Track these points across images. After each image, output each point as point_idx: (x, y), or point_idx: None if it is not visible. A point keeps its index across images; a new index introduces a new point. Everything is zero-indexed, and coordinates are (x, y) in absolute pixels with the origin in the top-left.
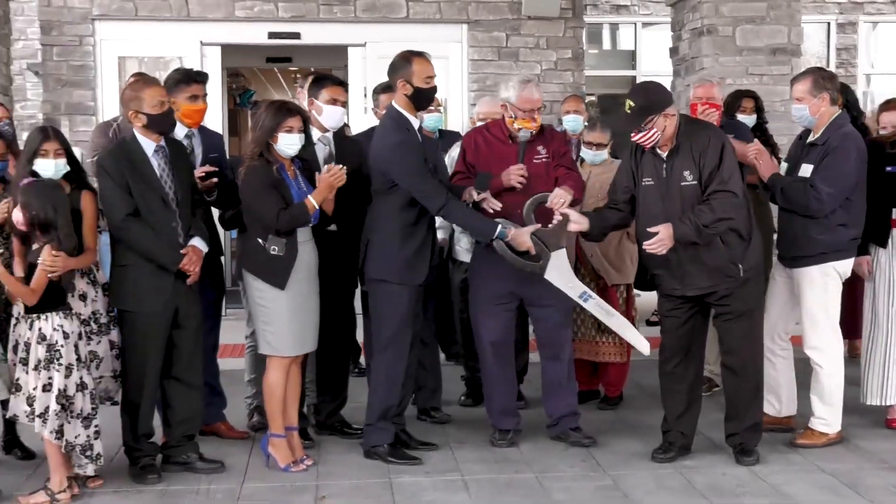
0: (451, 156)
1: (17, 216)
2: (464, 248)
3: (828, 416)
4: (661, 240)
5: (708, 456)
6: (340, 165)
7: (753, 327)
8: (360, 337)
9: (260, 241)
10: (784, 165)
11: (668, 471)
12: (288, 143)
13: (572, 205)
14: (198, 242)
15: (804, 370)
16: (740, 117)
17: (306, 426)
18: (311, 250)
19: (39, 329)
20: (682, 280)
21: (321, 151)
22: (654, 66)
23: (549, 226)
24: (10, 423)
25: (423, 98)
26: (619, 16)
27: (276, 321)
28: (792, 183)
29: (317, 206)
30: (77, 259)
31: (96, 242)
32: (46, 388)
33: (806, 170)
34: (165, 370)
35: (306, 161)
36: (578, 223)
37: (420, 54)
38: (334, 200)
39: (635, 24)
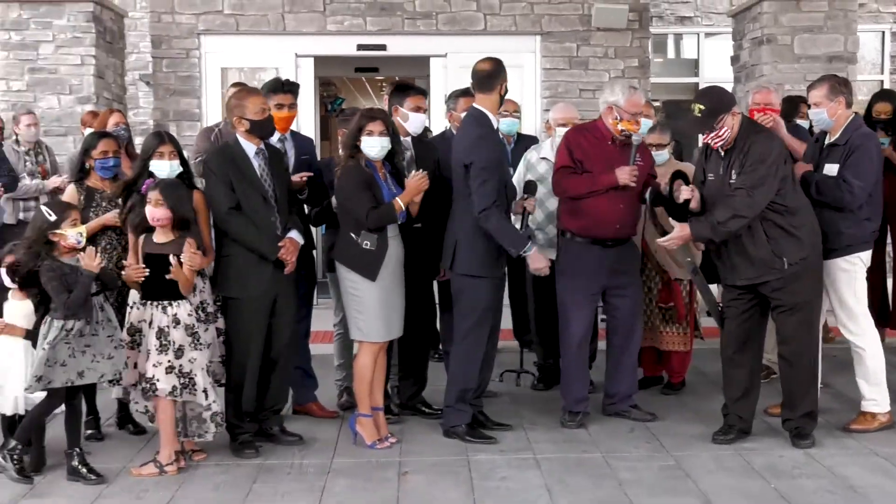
0: (528, 158)
1: (155, 212)
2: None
3: (877, 396)
4: (671, 238)
5: (766, 439)
6: (424, 171)
7: (807, 319)
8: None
9: (353, 236)
10: None
11: (727, 452)
12: (370, 146)
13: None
14: (295, 235)
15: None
16: (798, 121)
17: (390, 406)
18: (398, 245)
19: (152, 315)
20: (732, 271)
21: (405, 154)
22: (716, 73)
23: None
24: (123, 402)
25: (503, 102)
26: (684, 27)
27: (366, 310)
28: (826, 179)
29: (403, 207)
30: (205, 258)
31: (211, 238)
32: (168, 370)
33: (831, 169)
34: (263, 353)
35: (396, 164)
36: (697, 203)
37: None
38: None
39: (698, 34)
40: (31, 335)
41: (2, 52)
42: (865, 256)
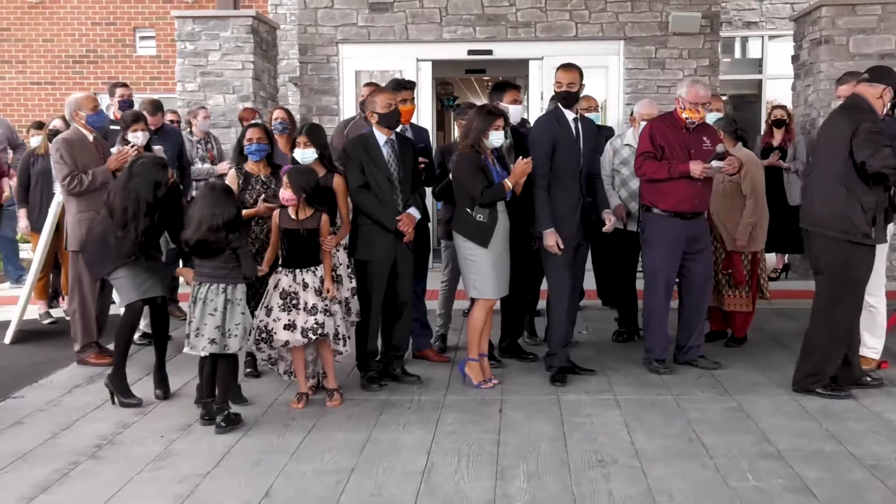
0: (613, 144)
1: (284, 193)
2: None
3: (878, 345)
4: None
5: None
6: (528, 158)
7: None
8: None
9: (468, 210)
10: None
11: (784, 397)
12: (496, 138)
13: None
14: (413, 211)
15: None
16: None
17: (493, 353)
18: (505, 219)
19: (303, 279)
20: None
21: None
22: (778, 70)
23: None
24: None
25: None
26: (749, 30)
27: (481, 272)
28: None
29: (511, 187)
30: (338, 234)
31: (349, 215)
32: (287, 326)
33: None
34: (386, 307)
35: (500, 150)
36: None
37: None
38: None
39: (763, 36)
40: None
41: (179, 58)
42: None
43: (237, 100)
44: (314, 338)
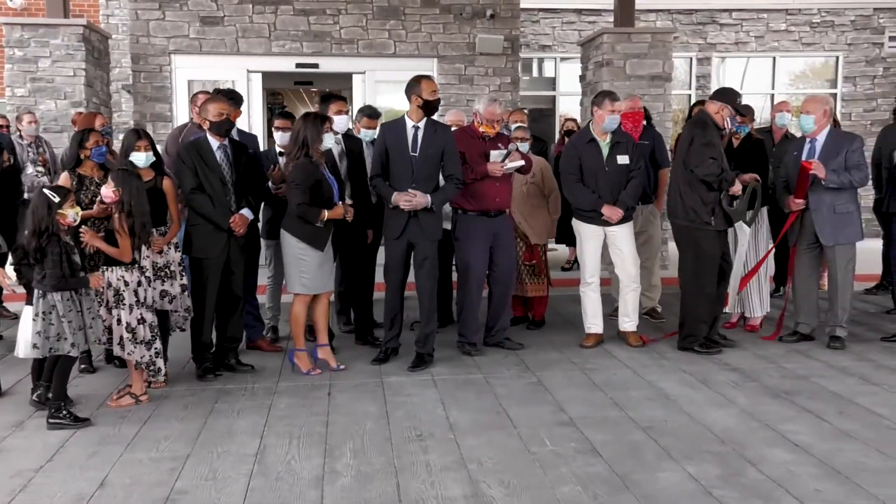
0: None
1: (106, 191)
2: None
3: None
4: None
5: (604, 360)
6: (351, 208)
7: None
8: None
9: None
10: None
11: (575, 372)
12: (329, 140)
13: (522, 171)
14: (245, 212)
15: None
16: None
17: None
18: (331, 224)
19: (108, 278)
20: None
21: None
22: (568, 88)
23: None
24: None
25: (430, 108)
26: (544, 53)
27: (310, 271)
28: None
29: (325, 218)
30: (168, 234)
31: (180, 216)
32: (118, 322)
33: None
34: (221, 302)
35: (332, 157)
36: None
37: (427, 77)
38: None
39: (556, 58)
40: None
41: (7, 64)
42: None
43: (69, 105)
44: (131, 350)
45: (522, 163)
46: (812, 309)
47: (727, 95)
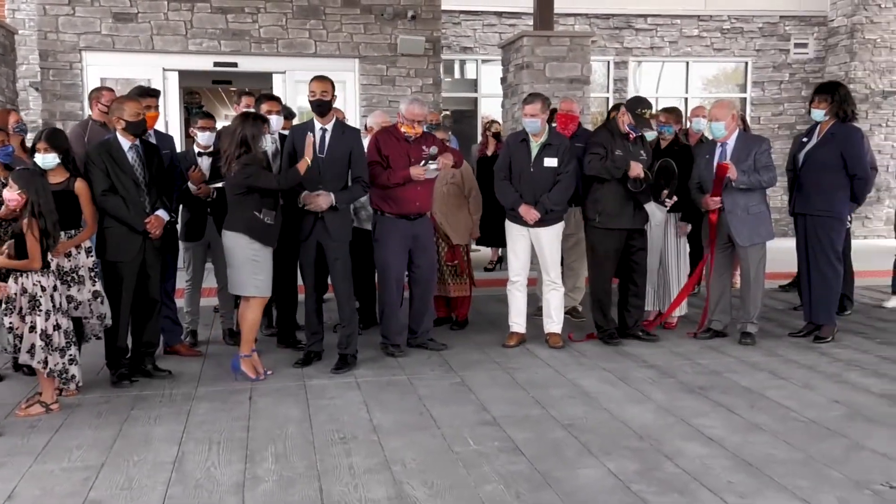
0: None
1: (9, 194)
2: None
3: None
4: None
5: (526, 359)
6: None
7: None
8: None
9: (256, 213)
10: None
11: (498, 371)
12: (268, 141)
13: (454, 166)
14: (161, 213)
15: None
16: None
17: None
18: (279, 221)
19: (22, 284)
20: None
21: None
22: (490, 90)
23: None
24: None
25: (315, 107)
26: (466, 55)
27: (264, 271)
28: None
29: (309, 162)
30: (81, 235)
31: (94, 218)
32: (32, 329)
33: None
34: (137, 306)
35: (267, 156)
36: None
37: (319, 77)
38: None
39: (477, 60)
40: None
41: None
42: None
43: None
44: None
45: (439, 165)
46: (725, 306)
47: (630, 103)
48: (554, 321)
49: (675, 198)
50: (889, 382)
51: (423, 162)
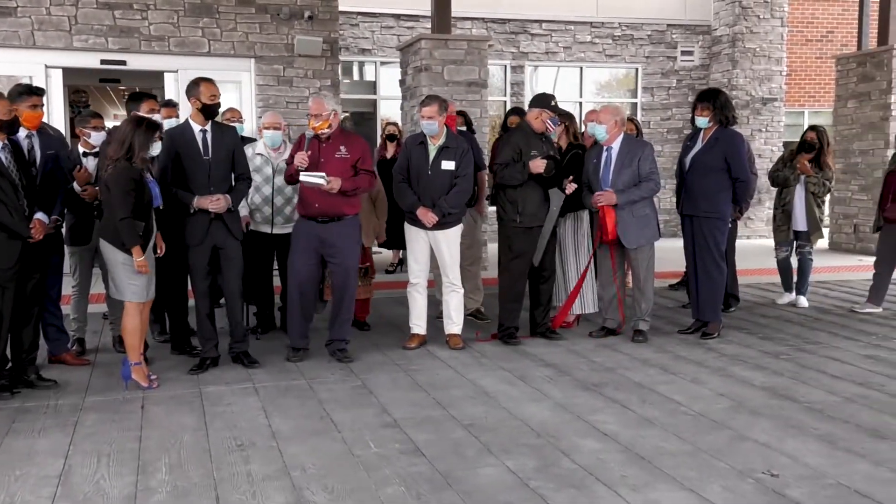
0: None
1: None
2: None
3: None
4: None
5: (428, 361)
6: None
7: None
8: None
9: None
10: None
11: (400, 374)
12: (156, 148)
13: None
14: (40, 216)
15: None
16: None
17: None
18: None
19: None
20: None
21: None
22: (389, 92)
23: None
24: None
25: (210, 111)
26: (364, 56)
27: (141, 278)
28: None
29: (142, 256)
30: None
31: None
32: None
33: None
34: (16, 313)
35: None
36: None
37: (208, 79)
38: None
39: (376, 62)
40: None
41: None
42: None
43: None
44: None
45: (321, 182)
46: (618, 305)
47: (542, 100)
48: (454, 322)
49: (575, 185)
50: (770, 375)
51: (310, 172)
